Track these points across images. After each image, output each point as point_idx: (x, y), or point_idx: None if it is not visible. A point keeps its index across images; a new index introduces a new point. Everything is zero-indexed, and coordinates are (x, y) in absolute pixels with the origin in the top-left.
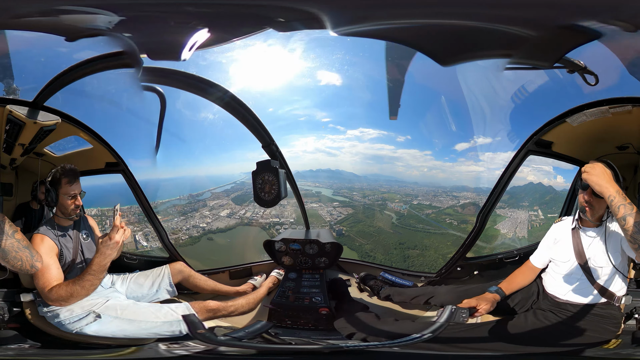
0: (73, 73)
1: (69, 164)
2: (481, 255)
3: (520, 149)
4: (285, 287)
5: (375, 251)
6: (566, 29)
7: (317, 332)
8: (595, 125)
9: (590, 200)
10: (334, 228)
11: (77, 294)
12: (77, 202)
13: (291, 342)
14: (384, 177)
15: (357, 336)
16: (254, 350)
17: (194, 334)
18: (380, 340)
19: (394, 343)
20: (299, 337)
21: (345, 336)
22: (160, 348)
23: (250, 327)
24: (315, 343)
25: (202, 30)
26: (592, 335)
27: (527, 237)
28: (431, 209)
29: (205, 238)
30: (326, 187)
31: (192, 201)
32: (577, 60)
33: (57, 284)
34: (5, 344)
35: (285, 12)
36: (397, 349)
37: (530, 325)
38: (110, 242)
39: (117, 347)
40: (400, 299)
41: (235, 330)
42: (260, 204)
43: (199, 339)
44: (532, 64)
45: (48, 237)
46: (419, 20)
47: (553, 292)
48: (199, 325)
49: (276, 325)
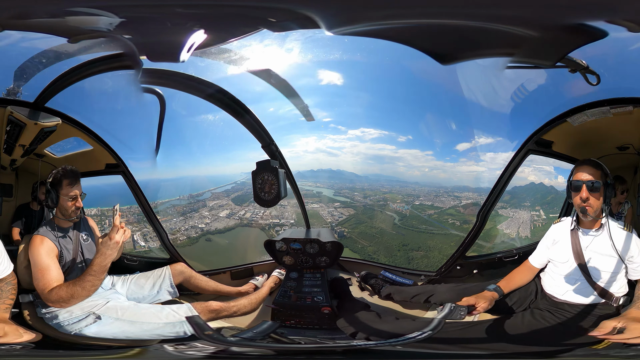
0: (74, 74)
1: (70, 165)
2: (481, 254)
3: (521, 148)
4: (287, 286)
5: (378, 253)
6: (569, 29)
7: (320, 331)
8: (596, 125)
9: (587, 197)
10: (336, 230)
11: (78, 295)
12: (77, 204)
13: (300, 342)
14: (385, 177)
15: (360, 335)
16: (265, 350)
17: (201, 335)
18: (383, 339)
19: (397, 341)
20: (304, 336)
21: (349, 335)
22: (166, 349)
23: (258, 328)
24: (323, 342)
25: (198, 31)
26: (589, 335)
27: (530, 237)
28: (433, 209)
29: (204, 239)
30: (327, 188)
31: (192, 201)
32: (579, 59)
33: (57, 285)
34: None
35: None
36: (399, 348)
37: (527, 324)
38: (111, 242)
39: (118, 349)
40: (401, 297)
41: (243, 331)
42: (260, 204)
43: (208, 341)
44: (534, 62)
45: (48, 238)
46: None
47: (551, 291)
48: (204, 327)
49: (280, 325)
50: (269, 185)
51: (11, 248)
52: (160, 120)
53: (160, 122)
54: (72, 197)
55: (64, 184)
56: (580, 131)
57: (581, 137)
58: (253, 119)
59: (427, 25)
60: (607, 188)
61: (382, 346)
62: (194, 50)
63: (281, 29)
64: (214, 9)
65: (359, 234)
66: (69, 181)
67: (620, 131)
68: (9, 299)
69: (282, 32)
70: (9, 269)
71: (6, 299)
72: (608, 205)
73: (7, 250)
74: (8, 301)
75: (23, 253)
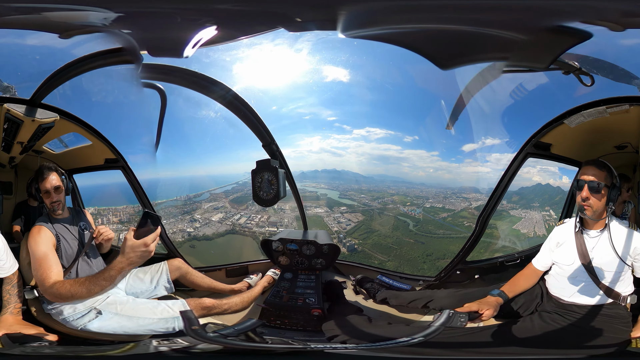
0: (72, 70)
1: (49, 162)
2: (481, 259)
3: (519, 152)
4: (280, 286)
5: (401, 268)
6: (554, 31)
7: (307, 333)
8: (593, 125)
9: (587, 197)
10: (344, 243)
11: (80, 296)
12: (51, 198)
13: (270, 342)
14: (391, 178)
15: (343, 338)
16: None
17: (188, 330)
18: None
19: (380, 346)
20: (285, 337)
21: (327, 338)
22: (152, 345)
23: (238, 325)
24: (295, 344)
25: (210, 27)
26: (607, 336)
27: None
28: (445, 212)
29: (188, 245)
30: (332, 189)
31: (187, 202)
32: (571, 61)
33: (59, 282)
34: (16, 341)
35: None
36: (388, 354)
37: (537, 327)
38: (142, 249)
39: (118, 344)
40: (397, 302)
41: (224, 328)
42: (259, 203)
43: (190, 336)
44: (528, 66)
45: (45, 227)
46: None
47: (557, 294)
48: (194, 322)
49: (266, 325)
50: (268, 185)
51: (14, 245)
52: (160, 115)
53: (161, 117)
54: (44, 191)
55: (38, 179)
56: (578, 132)
57: (579, 138)
58: (254, 117)
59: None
60: (612, 189)
61: (364, 349)
62: (199, 46)
63: (299, 29)
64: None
65: (372, 246)
66: (40, 177)
67: (617, 130)
68: (18, 302)
69: (297, 33)
70: (14, 266)
71: (15, 303)
72: (613, 205)
73: (10, 248)
74: (18, 305)
75: (24, 249)
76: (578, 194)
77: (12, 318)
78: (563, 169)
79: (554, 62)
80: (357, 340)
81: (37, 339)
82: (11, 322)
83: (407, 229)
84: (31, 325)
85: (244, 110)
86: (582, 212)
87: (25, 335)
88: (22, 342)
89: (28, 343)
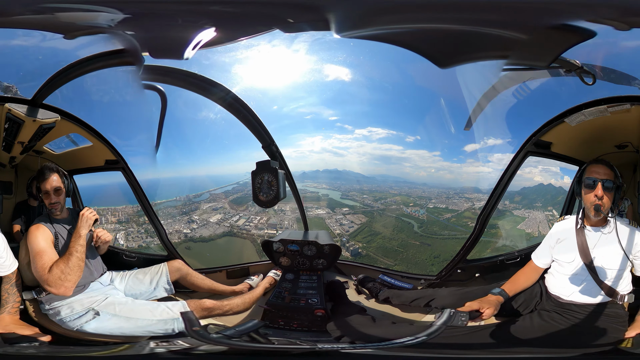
0: (73, 70)
1: (50, 162)
2: (482, 258)
3: (520, 150)
4: (282, 287)
5: (409, 271)
6: (557, 29)
7: (310, 333)
8: (593, 124)
9: (602, 195)
10: (348, 247)
11: (70, 270)
12: (50, 200)
13: (274, 342)
14: (392, 178)
15: (349, 338)
16: (242, 348)
17: (189, 331)
18: (374, 343)
19: (385, 345)
20: (289, 337)
21: (334, 338)
22: (150, 346)
23: (241, 326)
24: (302, 344)
25: (208, 29)
26: (605, 335)
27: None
28: (449, 212)
29: (184, 246)
30: (333, 189)
31: (186, 203)
32: (573, 60)
33: (51, 265)
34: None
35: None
36: (394, 353)
37: (536, 326)
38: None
39: (114, 345)
40: (400, 301)
41: (226, 329)
42: (258, 204)
43: (192, 337)
44: (529, 64)
45: (43, 225)
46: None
47: (557, 292)
48: (195, 323)
49: (269, 326)
50: (268, 186)
51: (13, 245)
52: (161, 117)
53: (161, 119)
54: (44, 192)
55: (39, 179)
56: (578, 131)
57: (580, 137)
58: (254, 119)
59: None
60: (618, 189)
61: (370, 349)
62: (199, 48)
63: (294, 30)
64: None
65: (377, 249)
66: (40, 177)
67: (618, 129)
68: (16, 302)
69: (292, 33)
70: (14, 265)
71: (13, 302)
72: (617, 205)
73: (10, 247)
74: (16, 305)
75: (24, 249)
76: (588, 192)
77: (9, 317)
78: (564, 169)
79: (555, 60)
80: (362, 341)
81: (32, 339)
82: (8, 322)
83: (411, 230)
84: (27, 326)
85: (244, 111)
86: (598, 210)
87: (19, 335)
88: (15, 342)
89: (22, 343)
